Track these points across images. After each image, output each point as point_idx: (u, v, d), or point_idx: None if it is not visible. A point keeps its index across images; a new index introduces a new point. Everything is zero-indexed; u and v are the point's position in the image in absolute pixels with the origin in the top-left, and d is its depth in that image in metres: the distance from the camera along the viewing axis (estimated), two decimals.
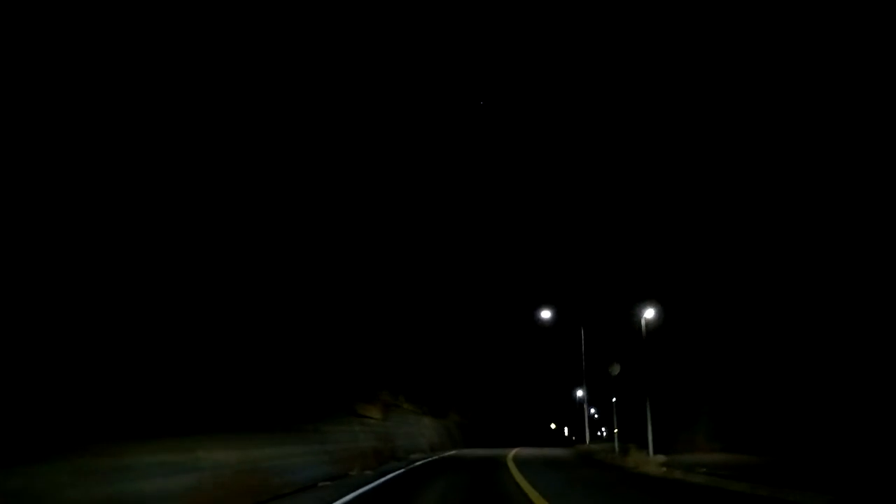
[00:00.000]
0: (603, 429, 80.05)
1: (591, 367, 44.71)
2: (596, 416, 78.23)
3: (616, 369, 21.20)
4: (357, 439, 18.83)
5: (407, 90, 23.82)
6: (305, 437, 14.02)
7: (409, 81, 23.58)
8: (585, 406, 35.05)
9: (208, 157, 11.80)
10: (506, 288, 46.67)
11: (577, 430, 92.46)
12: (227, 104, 12.55)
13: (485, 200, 40.71)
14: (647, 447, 17.98)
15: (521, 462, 19.95)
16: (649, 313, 17.72)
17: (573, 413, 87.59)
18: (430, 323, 38.65)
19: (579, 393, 67.70)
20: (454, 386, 44.97)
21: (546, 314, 36.07)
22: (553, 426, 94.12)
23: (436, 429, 36.70)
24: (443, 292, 39.91)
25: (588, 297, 35.61)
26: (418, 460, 21.76)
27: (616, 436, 21.22)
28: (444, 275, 39.86)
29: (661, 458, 15.89)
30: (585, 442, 35.45)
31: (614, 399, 21.52)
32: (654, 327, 18.09)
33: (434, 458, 24.09)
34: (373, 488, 11.73)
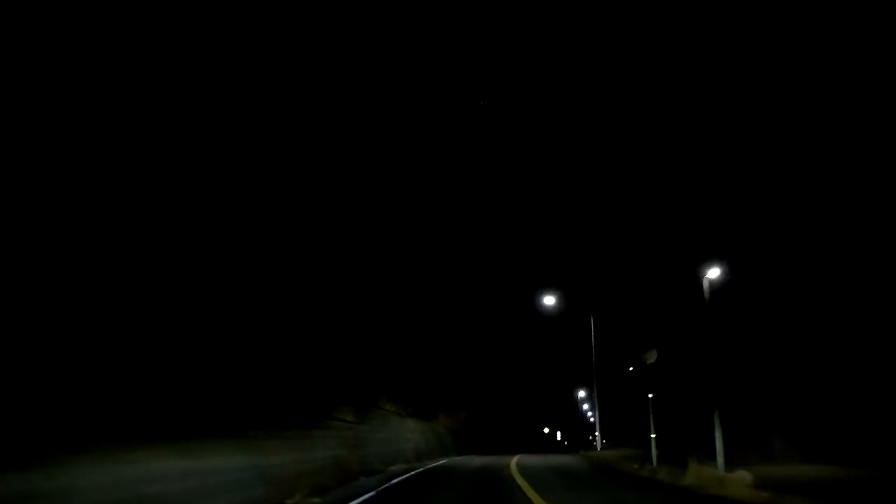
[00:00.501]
0: (596, 433, 75.30)
1: (587, 362, 39.96)
2: (592, 419, 73.54)
3: (653, 356, 16.38)
4: (312, 448, 13.90)
5: (406, 89, 22.97)
6: (211, 447, 9.06)
7: (409, 81, 22.85)
8: (595, 407, 30.12)
9: (205, 156, 11.71)
10: (502, 272, 41.74)
11: (570, 435, 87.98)
12: (227, 103, 12.54)
13: (476, 178, 35.96)
14: (703, 458, 13.14)
15: (532, 477, 15.03)
16: (714, 273, 12.83)
17: (569, 416, 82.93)
18: (416, 311, 33.88)
19: (581, 393, 62.99)
20: (444, 384, 39.98)
21: (549, 300, 31.22)
22: (546, 430, 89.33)
23: (423, 433, 31.51)
24: (430, 277, 35.07)
25: (598, 280, 30.82)
26: (398, 475, 16.78)
27: (654, 443, 16.28)
28: (432, 259, 35.12)
29: (744, 475, 10.98)
30: (596, 448, 30.60)
31: (651, 395, 16.59)
32: (704, 307, 13.18)
33: (419, 470, 19.08)
34: None
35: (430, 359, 36.79)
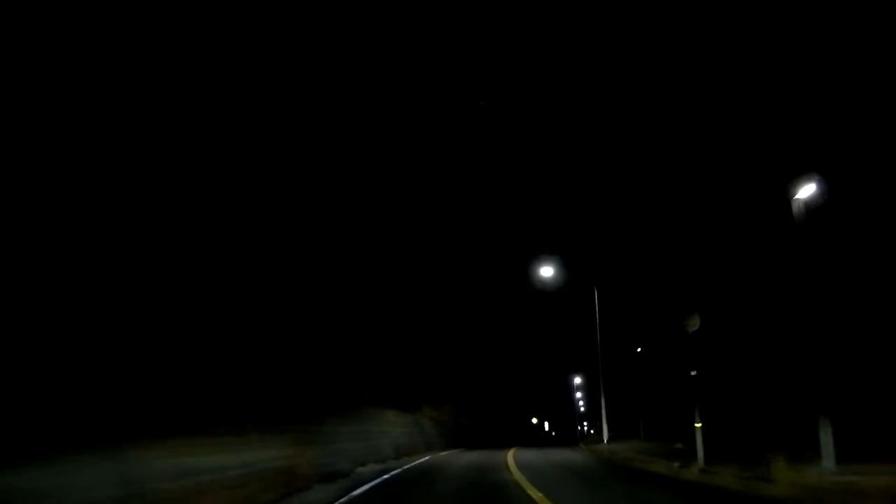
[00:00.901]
0: (585, 423, 71.67)
1: (584, 344, 36.41)
2: (583, 408, 69.95)
3: (696, 323, 12.62)
4: (243, 448, 9.98)
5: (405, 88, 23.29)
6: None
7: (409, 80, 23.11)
8: (602, 393, 26.33)
9: (204, 155, 11.58)
10: (489, 246, 37.94)
11: (559, 426, 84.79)
12: (226, 103, 12.43)
13: (460, 139, 32.16)
14: (791, 455, 9.34)
15: (546, 485, 11.21)
16: (808, 191, 9.03)
17: (558, 406, 79.54)
18: (396, 292, 30.08)
19: (576, 380, 59.44)
20: (427, 373, 36.14)
21: (546, 272, 27.37)
22: (535, 421, 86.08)
23: (404, 426, 27.52)
24: (413, 255, 31.26)
25: (601, 247, 27.04)
26: (367, 480, 12.85)
27: (699, 433, 12.47)
28: (413, 231, 31.32)
29: (888, 482, 7.15)
30: (602, 440, 26.86)
31: (693, 372, 12.76)
32: (794, 239, 9.34)
33: (396, 472, 15.14)
34: None
35: (412, 344, 33.08)
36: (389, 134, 24.18)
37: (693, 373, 12.83)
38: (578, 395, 63.53)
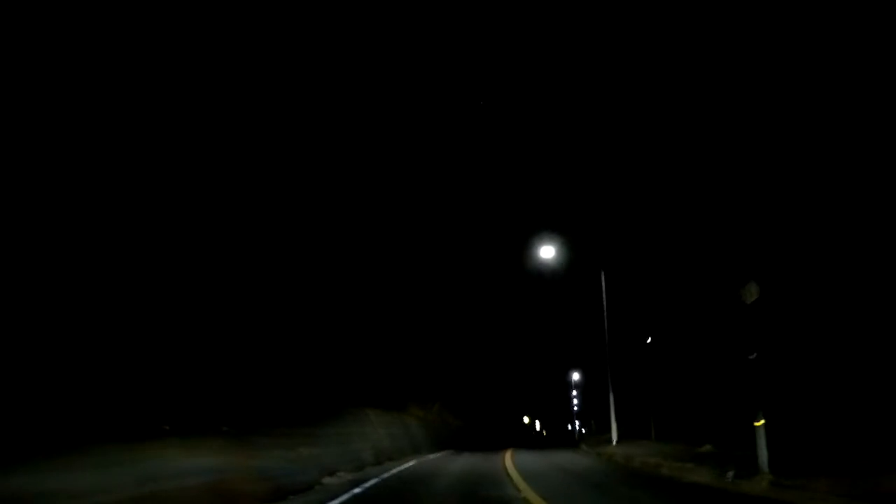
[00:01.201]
0: (577, 422, 68.97)
1: (584, 337, 33.72)
2: (576, 406, 67.22)
3: (754, 292, 9.83)
4: (141, 469, 7.07)
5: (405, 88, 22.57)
6: None
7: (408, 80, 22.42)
8: (610, 389, 23.46)
9: (206, 156, 11.47)
10: (483, 221, 35.33)
11: (550, 425, 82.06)
12: (226, 104, 12.38)
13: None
14: None
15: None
16: None
17: (551, 404, 76.82)
18: (378, 277, 27.33)
19: (575, 376, 56.71)
20: (414, 368, 33.31)
21: (547, 252, 24.53)
22: (526, 420, 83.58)
23: (388, 427, 24.58)
24: (395, 233, 28.51)
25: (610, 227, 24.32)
26: (328, 499, 9.79)
27: (761, 434, 9.63)
28: (397, 210, 28.62)
29: None
30: (612, 441, 24.00)
31: (753, 355, 9.89)
32: None
33: (369, 485, 12.04)
34: None
35: (397, 337, 30.35)
36: (381, 119, 23.55)
37: (752, 356, 9.97)
38: (573, 392, 60.85)
